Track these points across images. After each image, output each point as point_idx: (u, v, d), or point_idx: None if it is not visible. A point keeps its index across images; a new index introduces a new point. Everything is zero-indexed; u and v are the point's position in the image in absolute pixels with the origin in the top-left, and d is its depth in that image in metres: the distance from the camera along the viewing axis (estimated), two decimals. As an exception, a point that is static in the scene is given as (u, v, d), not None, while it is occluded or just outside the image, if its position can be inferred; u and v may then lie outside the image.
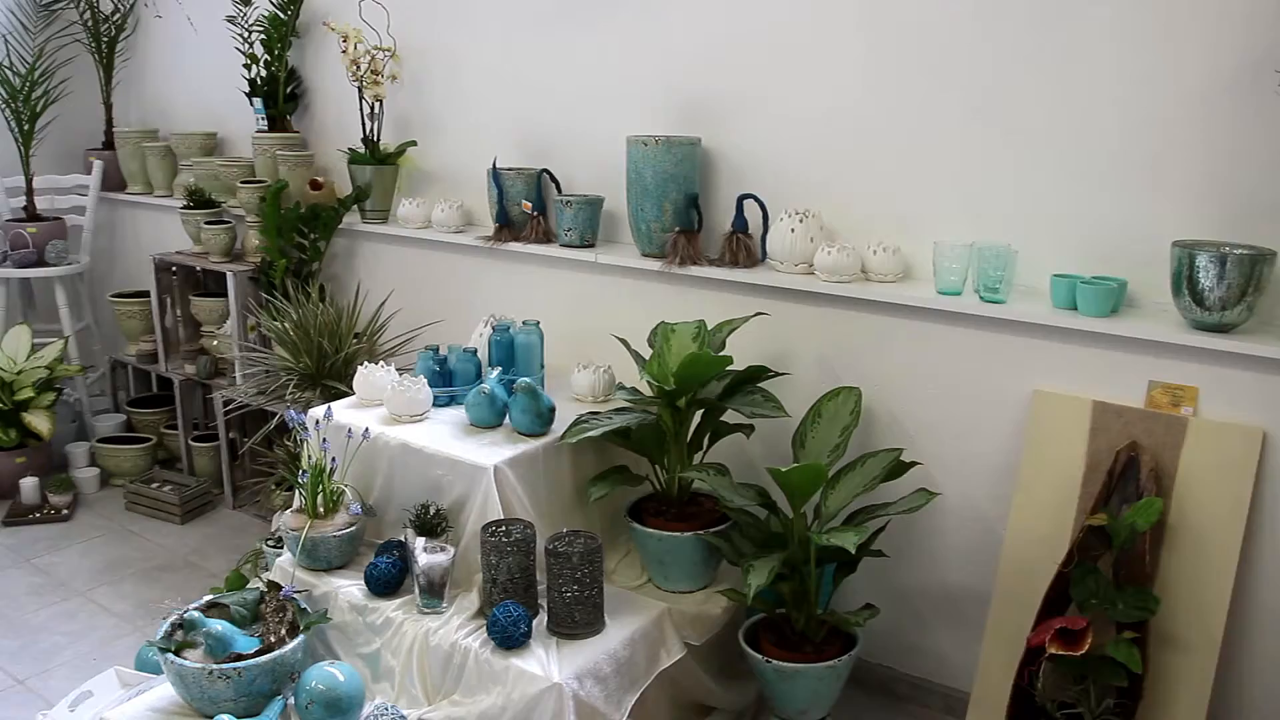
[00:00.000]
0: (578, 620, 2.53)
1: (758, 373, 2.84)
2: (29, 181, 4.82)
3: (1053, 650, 2.35)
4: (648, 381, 2.78)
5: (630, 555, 2.98)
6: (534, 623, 2.53)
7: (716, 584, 2.88)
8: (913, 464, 2.76)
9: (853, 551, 2.42)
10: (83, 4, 5.04)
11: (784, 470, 2.48)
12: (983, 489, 2.83)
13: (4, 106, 4.67)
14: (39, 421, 4.42)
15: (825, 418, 2.83)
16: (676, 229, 3.14)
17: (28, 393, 4.44)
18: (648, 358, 2.87)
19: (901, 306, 2.85)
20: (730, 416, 2.89)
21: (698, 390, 2.76)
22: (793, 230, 2.95)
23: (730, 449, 3.04)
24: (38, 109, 4.71)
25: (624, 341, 2.98)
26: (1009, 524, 2.73)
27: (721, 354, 2.74)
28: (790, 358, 3.06)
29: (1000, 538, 2.76)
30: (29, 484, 4.38)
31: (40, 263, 4.77)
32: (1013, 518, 2.72)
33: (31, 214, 4.86)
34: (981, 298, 2.69)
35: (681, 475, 2.85)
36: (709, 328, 2.91)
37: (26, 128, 4.70)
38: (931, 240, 2.79)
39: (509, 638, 2.45)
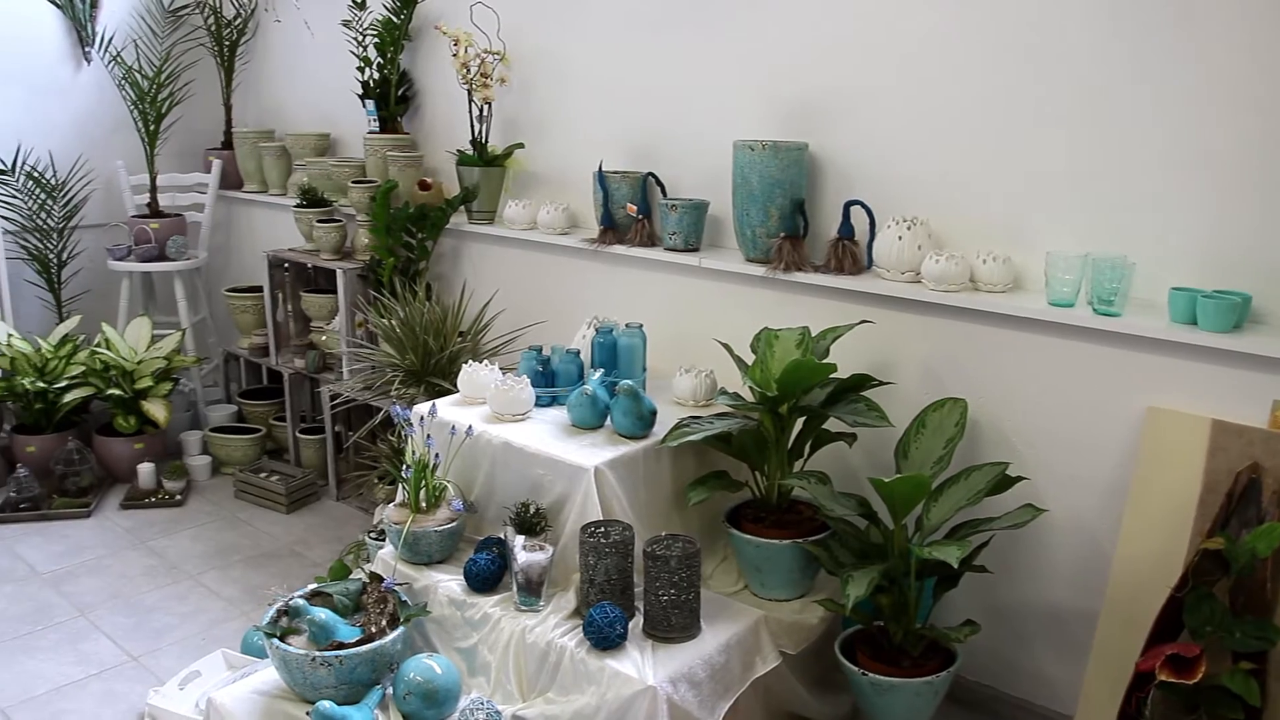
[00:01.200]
0: (674, 624, 2.53)
1: (861, 381, 2.81)
2: (153, 179, 5.00)
3: (1163, 677, 2.27)
4: (750, 387, 2.77)
5: (727, 561, 2.97)
6: (630, 625, 2.53)
7: (814, 593, 2.85)
8: (1019, 479, 2.70)
9: (955, 566, 2.37)
10: (207, 9, 5.22)
11: (887, 481, 2.45)
12: (1091, 507, 2.75)
13: (132, 108, 4.85)
14: (156, 410, 4.57)
15: (929, 429, 2.78)
16: (782, 234, 3.12)
17: (147, 382, 4.60)
18: (750, 363, 2.86)
19: (1011, 317, 2.78)
20: (832, 424, 2.86)
21: (800, 397, 2.74)
22: (900, 237, 2.91)
23: (831, 457, 3.01)
24: (163, 110, 4.88)
25: (727, 346, 2.97)
26: (1119, 544, 2.64)
27: (825, 361, 2.71)
28: (894, 367, 3.02)
29: (1109, 557, 2.68)
30: (146, 469, 4.54)
31: (161, 257, 4.95)
32: (1123, 537, 2.64)
33: (154, 210, 5.04)
34: (1095, 310, 2.62)
35: (782, 482, 2.83)
36: (812, 334, 2.88)
37: (152, 128, 4.88)
38: (1044, 250, 2.73)
39: (605, 639, 2.46)
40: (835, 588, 2.76)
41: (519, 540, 2.63)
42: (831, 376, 2.74)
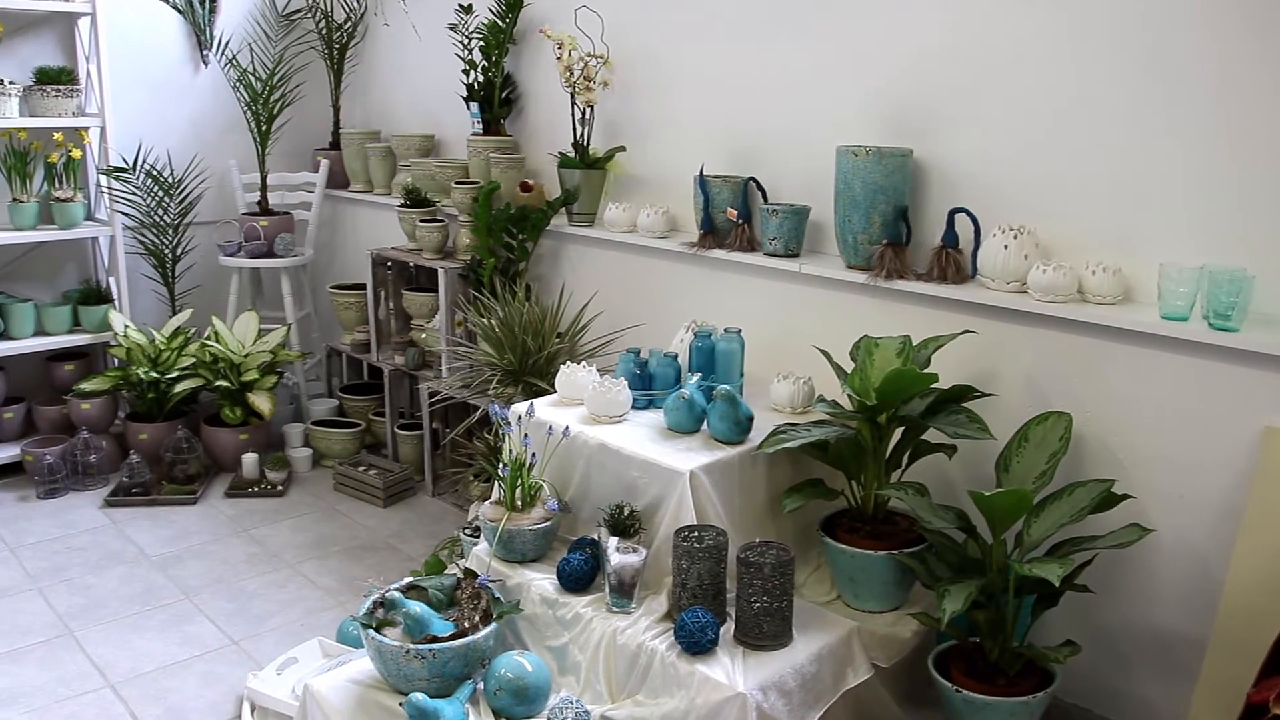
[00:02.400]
0: (765, 631, 2.51)
1: (963, 392, 2.76)
2: (263, 178, 5.15)
3: (1277, 710, 2.18)
4: (848, 395, 2.74)
5: (820, 570, 2.94)
6: (721, 630, 2.52)
7: (908, 606, 2.81)
8: (1124, 496, 2.62)
9: (1056, 584, 2.31)
10: (318, 14, 5.35)
11: (987, 494, 2.40)
12: (1202, 528, 2.65)
13: (246, 109, 5.00)
14: (261, 402, 4.70)
15: (1032, 442, 2.72)
16: (884, 241, 3.08)
17: (253, 374, 4.73)
18: (849, 371, 2.83)
19: (1121, 330, 2.70)
20: (932, 435, 2.81)
21: (899, 407, 2.70)
22: (1006, 246, 2.85)
23: (929, 469, 2.96)
24: (275, 111, 5.02)
25: (826, 354, 2.94)
26: (1231, 568, 2.55)
27: (926, 371, 2.67)
28: (997, 378, 2.96)
29: (1220, 582, 2.59)
30: (250, 459, 4.67)
31: (269, 254, 5.08)
32: (1235, 561, 2.54)
33: (264, 208, 5.19)
34: (1211, 325, 2.53)
35: (878, 492, 2.79)
36: (913, 344, 2.83)
37: (264, 128, 5.02)
38: (1156, 261, 2.64)
39: (696, 643, 2.45)
40: (930, 601, 2.72)
41: (612, 542, 2.64)
42: (932, 387, 2.70)
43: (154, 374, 4.63)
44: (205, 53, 5.29)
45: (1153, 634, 2.78)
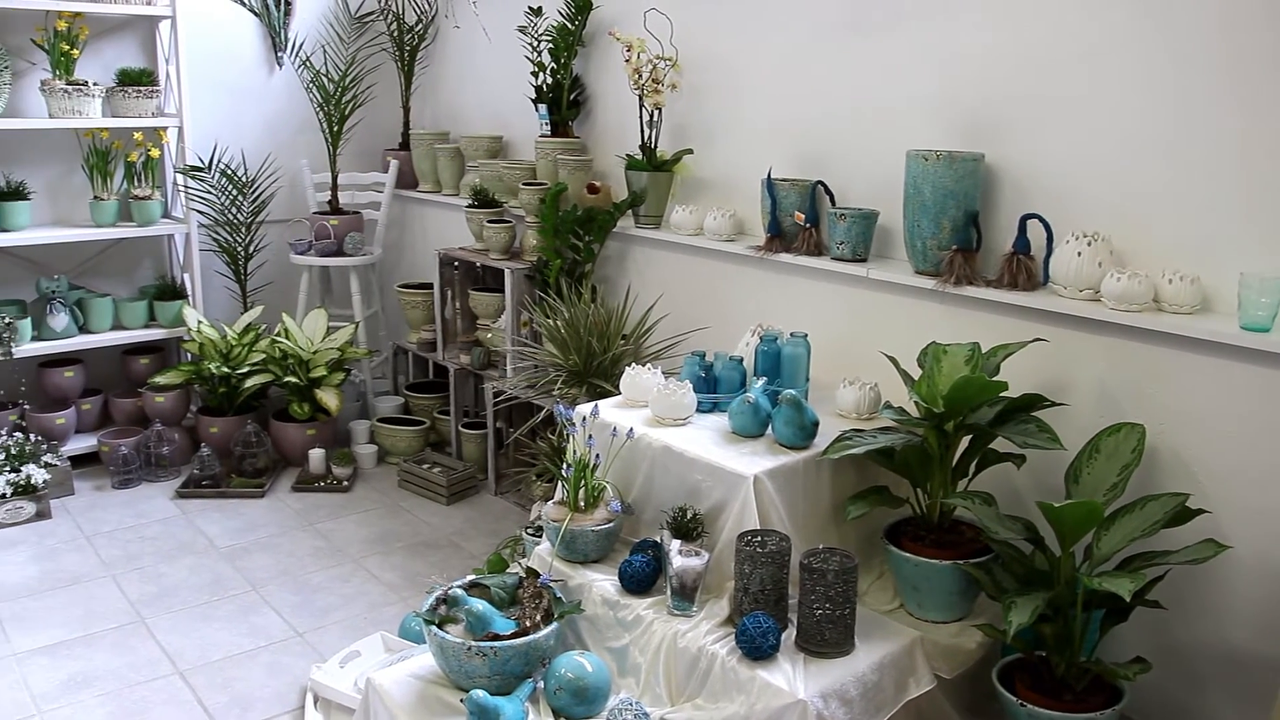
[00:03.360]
0: (827, 639, 2.49)
1: (1033, 401, 2.72)
2: (334, 178, 5.22)
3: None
4: (915, 402, 2.71)
5: (883, 578, 2.91)
6: (782, 636, 2.51)
7: (972, 617, 2.77)
8: (1199, 511, 2.56)
9: (1127, 599, 2.26)
10: (390, 16, 5.42)
11: (1056, 506, 2.36)
12: (1281, 546, 2.59)
13: (318, 109, 5.08)
14: (329, 398, 4.76)
15: (1103, 454, 2.66)
16: (954, 247, 3.05)
17: (321, 371, 4.80)
18: (916, 378, 2.80)
19: (1198, 341, 2.64)
20: (1000, 444, 2.77)
21: (967, 415, 2.66)
22: (1079, 253, 2.80)
23: (996, 478, 2.92)
24: (346, 112, 5.09)
25: (893, 360, 2.91)
26: (1311, 587, 2.48)
27: (995, 379, 2.63)
28: (1068, 388, 2.90)
29: (1299, 601, 2.52)
30: (317, 455, 4.74)
31: (339, 253, 5.16)
32: (1316, 580, 2.48)
33: (334, 208, 5.26)
34: (1293, 336, 2.47)
35: (944, 501, 2.76)
36: (983, 351, 2.80)
37: (336, 129, 5.09)
38: (1236, 270, 2.57)
39: (757, 648, 2.44)
40: (995, 613, 2.68)
41: (675, 544, 2.64)
42: (1001, 395, 2.66)
43: (225, 369, 4.72)
44: (280, 55, 5.38)
45: (1227, 653, 2.71)
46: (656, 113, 4.02)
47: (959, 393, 2.57)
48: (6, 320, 4.52)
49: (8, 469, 4.31)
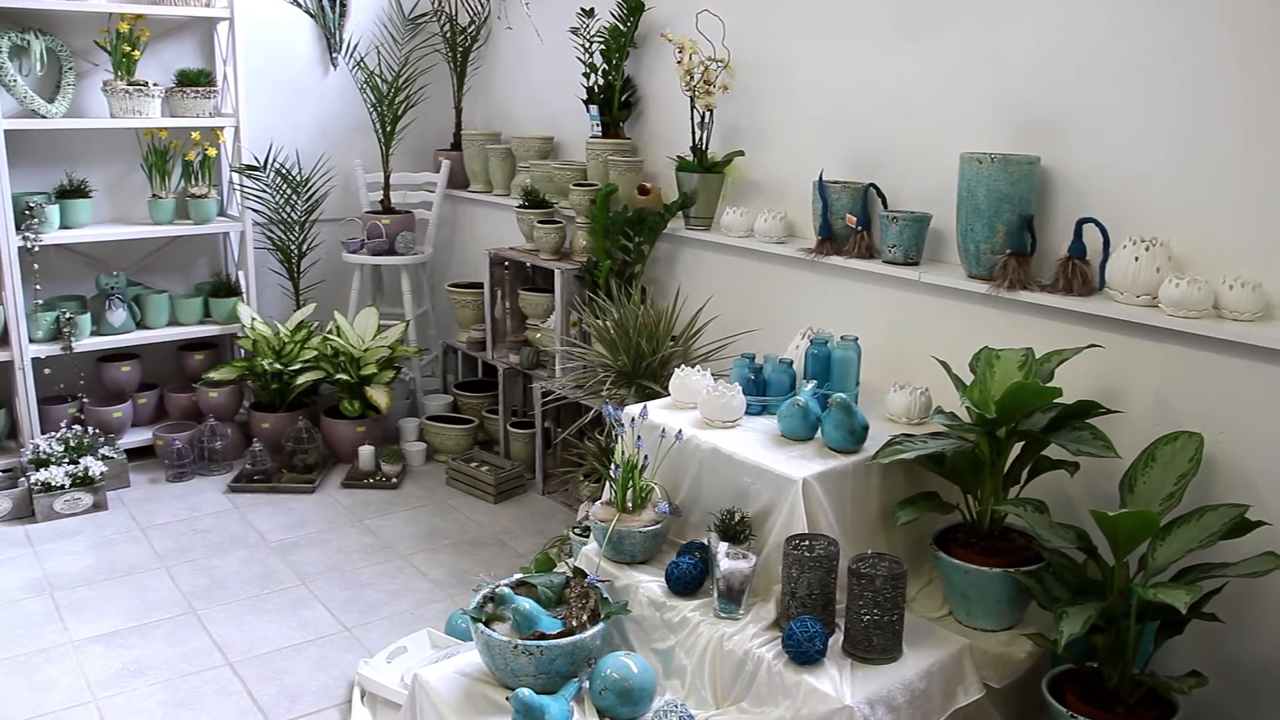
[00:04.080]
0: (875, 645, 2.47)
1: (1087, 408, 2.68)
2: (386, 178, 5.27)
3: None
4: (967, 408, 2.68)
5: (932, 585, 2.88)
6: (829, 641, 2.49)
7: (1022, 626, 2.73)
8: (1259, 523, 2.50)
9: (1183, 611, 2.22)
10: (443, 17, 5.46)
11: (1110, 515, 2.32)
12: (1344, 560, 2.52)
13: (371, 110, 5.13)
14: (379, 395, 4.81)
15: (1159, 462, 2.62)
16: (1007, 251, 3.01)
17: (371, 369, 4.84)
18: (968, 383, 2.77)
19: (1260, 349, 2.58)
20: (1053, 451, 2.73)
21: (1020, 421, 2.63)
22: (1137, 258, 2.75)
23: (1049, 485, 2.88)
24: (399, 112, 5.13)
25: (944, 364, 2.89)
26: (1374, 602, 2.43)
27: (1049, 385, 2.60)
28: (1123, 395, 2.86)
29: (1361, 616, 2.46)
30: (366, 452, 4.78)
31: (391, 251, 5.20)
32: (1379, 595, 2.42)
33: (386, 207, 5.31)
34: (1359, 346, 2.41)
35: (995, 508, 2.73)
36: (1036, 356, 2.76)
37: (389, 129, 5.14)
38: (1301, 278, 2.53)
39: (803, 653, 2.43)
40: (1046, 622, 2.65)
41: (722, 547, 2.63)
42: (1055, 401, 2.63)
43: (278, 365, 4.78)
44: (334, 56, 5.44)
45: (1286, 668, 2.65)
46: (708, 114, 4.01)
47: (1012, 398, 2.54)
48: (67, 315, 4.62)
49: (66, 461, 4.40)
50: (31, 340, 4.58)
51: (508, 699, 2.42)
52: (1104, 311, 2.84)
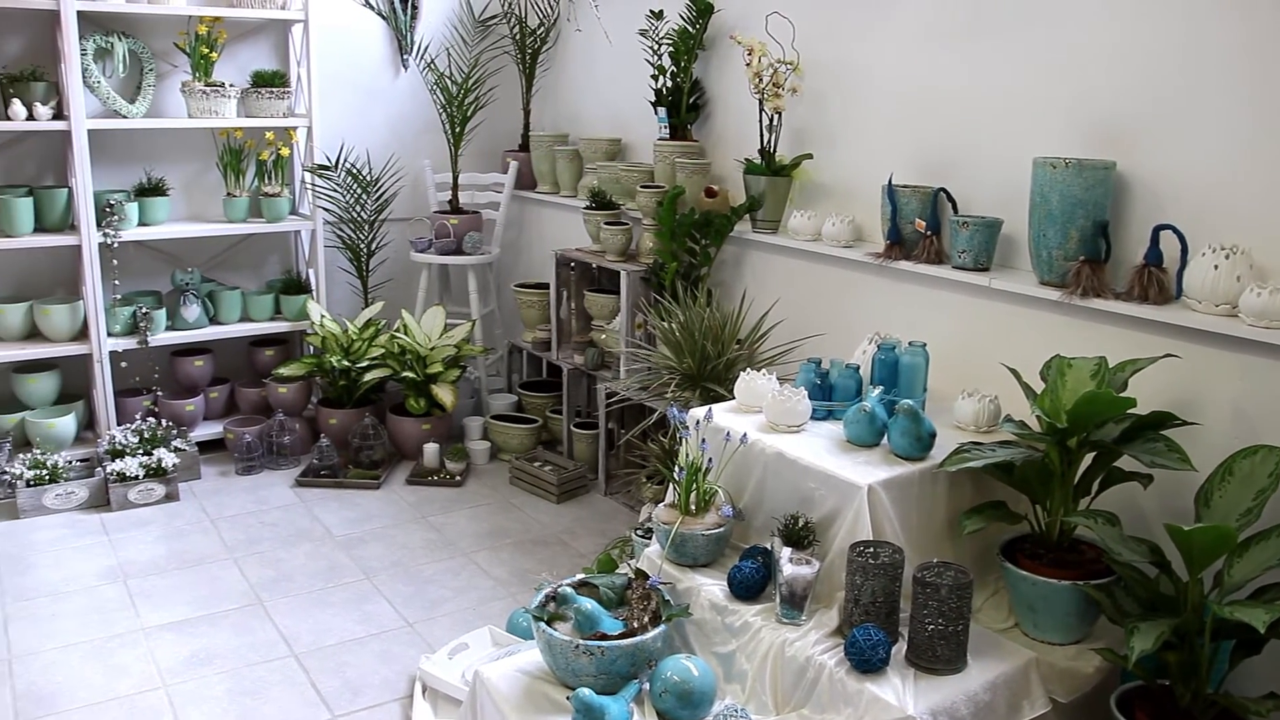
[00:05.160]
0: (939, 655, 2.44)
1: (1162, 419, 2.62)
2: (455, 178, 5.32)
3: None
4: (1037, 416, 2.64)
5: (998, 595, 2.84)
6: (893, 650, 2.47)
7: (1090, 640, 2.68)
8: (1342, 541, 2.44)
9: (1261, 630, 2.16)
10: (513, 19, 5.50)
11: (1185, 529, 2.27)
12: None
13: (441, 111, 5.18)
14: (444, 394, 4.85)
15: (1237, 477, 2.55)
16: (1081, 258, 2.96)
17: (437, 367, 4.89)
18: (1039, 392, 2.72)
19: (1344, 362, 2.52)
20: (1125, 463, 2.68)
21: (1092, 431, 2.58)
22: (1216, 267, 2.69)
23: (1120, 498, 2.82)
24: (468, 113, 5.18)
25: (1014, 372, 2.84)
26: None
27: (1123, 395, 2.55)
28: (1200, 407, 2.79)
29: None
30: (431, 449, 4.83)
31: (458, 251, 5.25)
32: None
33: (455, 207, 5.36)
34: None
35: (1064, 519, 2.68)
36: (1109, 366, 2.71)
37: (458, 130, 5.18)
38: (1390, 290, 2.45)
39: (866, 661, 2.40)
40: (1116, 637, 2.59)
41: (786, 552, 2.62)
42: (1129, 412, 2.57)
43: (345, 362, 4.84)
44: (405, 57, 5.50)
45: (1367, 691, 2.57)
46: (776, 117, 3.99)
47: (1084, 408, 2.50)
48: (144, 310, 4.73)
49: (141, 452, 4.50)
50: (109, 334, 4.70)
51: (568, 698, 2.43)
52: (1181, 321, 2.78)
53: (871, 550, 2.53)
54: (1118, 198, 3.00)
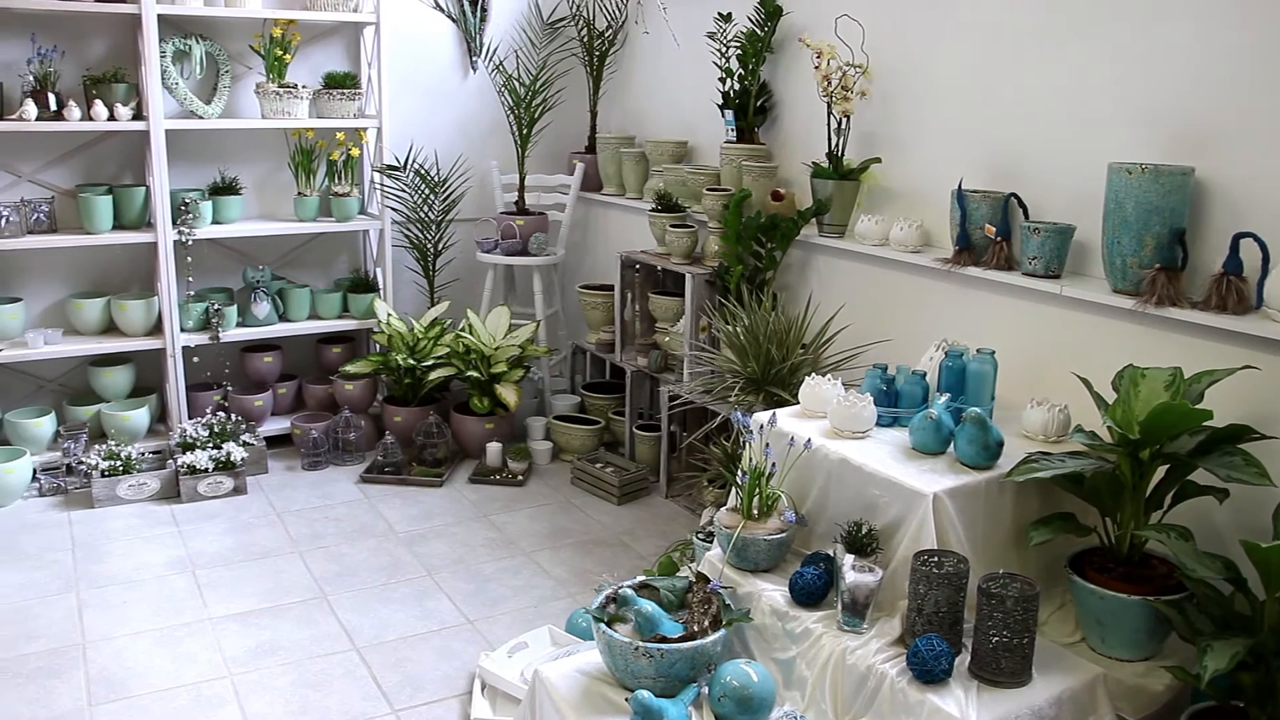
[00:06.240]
0: (1003, 668, 2.40)
1: (1240, 432, 2.55)
2: (522, 179, 5.35)
3: None
4: (1108, 427, 2.58)
5: (1065, 609, 2.79)
6: (955, 661, 2.43)
7: (1160, 657, 2.62)
8: None
9: (1341, 652, 2.10)
10: (581, 22, 5.52)
11: (1263, 546, 2.21)
12: None
13: (509, 112, 5.21)
14: (508, 393, 4.88)
15: (1319, 493, 2.48)
16: (1156, 266, 2.89)
17: (501, 367, 4.92)
18: (1110, 402, 2.67)
19: None
20: (1200, 477, 2.61)
21: (1165, 443, 2.52)
22: (1299, 277, 2.62)
23: (1194, 512, 2.75)
24: (536, 115, 5.21)
25: (1085, 382, 2.79)
26: None
27: (1199, 407, 2.48)
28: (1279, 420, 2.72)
29: None
30: (494, 448, 4.86)
31: (524, 252, 5.28)
32: None
33: (521, 208, 5.39)
34: None
35: (1135, 533, 2.62)
36: (1185, 376, 2.65)
37: (525, 132, 5.21)
38: None
39: (929, 672, 2.37)
40: (1187, 655, 2.53)
41: (848, 559, 2.59)
42: (1204, 424, 2.51)
43: (411, 361, 4.89)
44: (474, 59, 5.55)
45: None
46: (845, 120, 3.96)
47: (1158, 419, 2.44)
48: (216, 307, 4.82)
49: (211, 445, 4.59)
50: (182, 329, 4.80)
51: (627, 700, 2.43)
52: (1261, 331, 2.70)
53: (936, 559, 2.49)
54: (1196, 204, 2.93)
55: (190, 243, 4.73)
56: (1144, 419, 2.48)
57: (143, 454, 4.62)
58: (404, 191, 5.19)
